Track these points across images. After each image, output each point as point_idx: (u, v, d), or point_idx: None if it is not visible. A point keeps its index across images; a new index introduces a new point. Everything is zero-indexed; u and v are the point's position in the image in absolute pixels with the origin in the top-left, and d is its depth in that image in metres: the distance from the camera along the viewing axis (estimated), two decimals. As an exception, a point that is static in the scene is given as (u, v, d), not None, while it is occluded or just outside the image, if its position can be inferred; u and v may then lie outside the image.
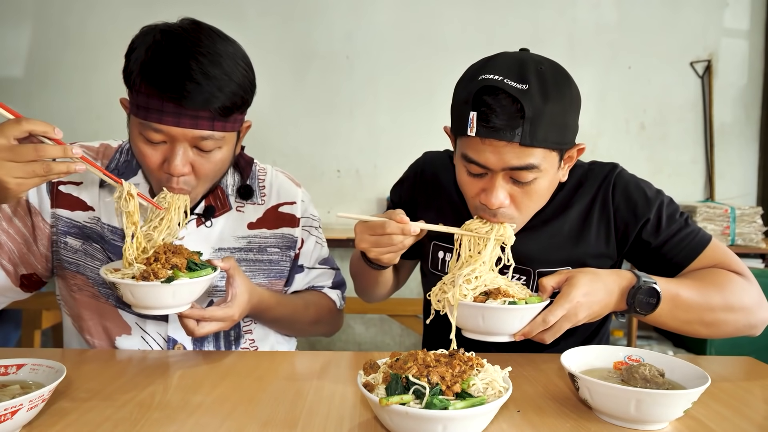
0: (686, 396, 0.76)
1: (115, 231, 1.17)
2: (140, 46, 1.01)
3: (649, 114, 3.54)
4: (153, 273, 0.95)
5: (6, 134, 0.83)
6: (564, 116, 0.97)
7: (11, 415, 0.70)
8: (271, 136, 3.51)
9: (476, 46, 3.47)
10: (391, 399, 0.69)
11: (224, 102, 1.00)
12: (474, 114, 0.95)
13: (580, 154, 1.09)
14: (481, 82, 0.95)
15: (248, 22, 3.47)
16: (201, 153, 1.05)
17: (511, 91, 0.93)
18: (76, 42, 3.39)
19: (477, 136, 0.96)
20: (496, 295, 0.95)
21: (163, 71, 0.97)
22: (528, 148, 0.95)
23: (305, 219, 1.32)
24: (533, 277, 1.16)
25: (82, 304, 1.20)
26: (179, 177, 1.04)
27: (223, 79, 1.00)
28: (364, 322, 3.63)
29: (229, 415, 0.82)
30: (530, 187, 1.00)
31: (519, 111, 0.93)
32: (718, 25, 3.51)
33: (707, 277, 1.07)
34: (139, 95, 1.00)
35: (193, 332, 1.03)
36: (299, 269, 1.33)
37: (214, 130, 1.02)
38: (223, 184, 1.24)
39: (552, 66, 1.00)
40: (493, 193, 0.99)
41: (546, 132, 0.95)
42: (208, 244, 1.21)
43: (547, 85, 0.95)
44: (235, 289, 1.07)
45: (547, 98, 0.94)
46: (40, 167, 0.85)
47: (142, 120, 1.00)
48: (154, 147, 1.03)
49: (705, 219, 3.10)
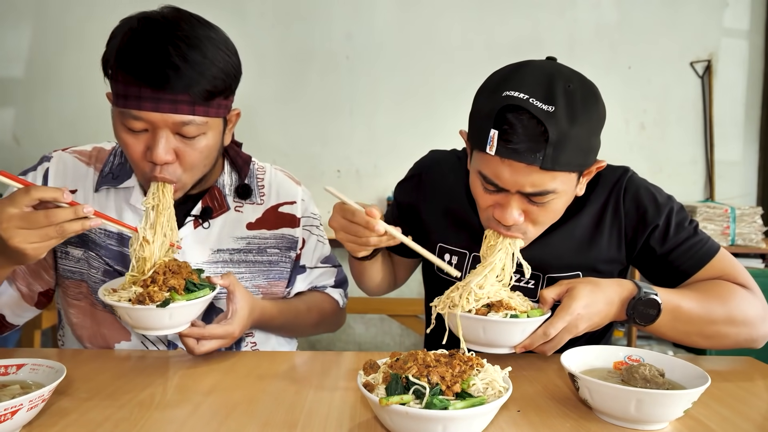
0: (686, 396, 0.76)
1: (111, 235, 1.16)
2: (118, 34, 1.00)
3: (649, 114, 3.54)
4: (149, 296, 0.95)
5: (17, 203, 0.85)
6: (589, 139, 0.94)
7: (11, 415, 0.70)
8: (271, 136, 3.51)
9: (476, 45, 3.48)
10: (391, 399, 0.69)
11: (205, 86, 0.99)
12: (495, 132, 0.91)
13: (599, 169, 1.05)
14: (505, 100, 0.91)
15: (248, 22, 3.47)
16: (184, 140, 1.03)
17: (536, 113, 0.88)
18: (76, 42, 3.38)
19: (496, 155, 0.92)
20: (498, 308, 0.95)
21: (139, 57, 0.96)
22: (548, 172, 0.92)
23: (306, 218, 1.30)
24: (543, 281, 1.15)
25: (82, 313, 1.19)
26: (163, 165, 1.02)
27: (203, 63, 0.99)
28: (364, 322, 3.63)
29: (229, 415, 0.82)
30: (546, 206, 0.98)
31: (543, 134, 0.89)
32: (718, 25, 3.51)
33: (711, 288, 1.05)
34: (118, 84, 0.99)
35: (193, 351, 1.02)
36: (301, 270, 1.31)
37: (196, 114, 1.00)
38: (219, 184, 1.22)
39: (581, 84, 0.96)
40: (508, 211, 0.97)
41: (569, 156, 0.92)
42: (206, 245, 1.19)
43: (575, 108, 0.91)
44: (235, 305, 1.06)
45: (574, 122, 0.90)
46: (54, 230, 0.87)
47: (122, 108, 0.99)
48: (136, 136, 1.02)
49: (705, 219, 3.10)
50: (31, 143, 3.51)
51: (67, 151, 1.21)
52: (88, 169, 1.19)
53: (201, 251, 1.18)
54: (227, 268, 1.19)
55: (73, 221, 0.87)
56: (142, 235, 1.00)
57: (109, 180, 1.17)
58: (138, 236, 1.01)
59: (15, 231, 0.85)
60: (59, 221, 0.86)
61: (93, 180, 1.18)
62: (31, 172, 1.18)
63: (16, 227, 0.85)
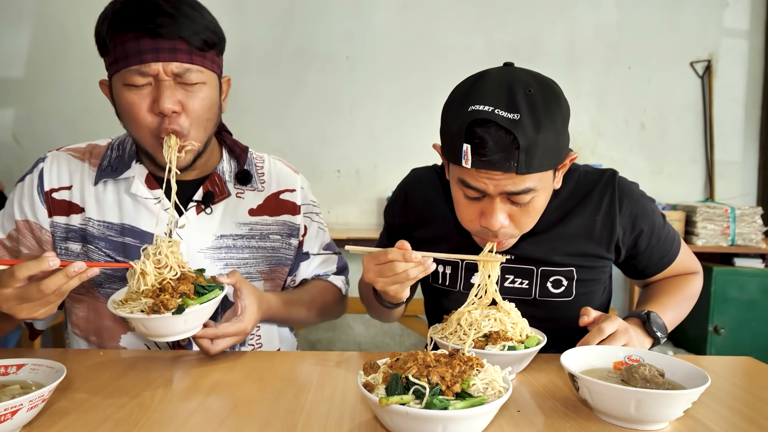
0: (686, 396, 0.76)
1: (110, 226, 1.16)
2: (106, 11, 1.05)
3: (649, 114, 3.54)
4: (163, 305, 0.94)
5: (7, 285, 0.87)
6: (557, 140, 0.97)
7: (11, 415, 0.70)
8: (272, 136, 3.51)
9: (476, 45, 3.48)
10: (391, 399, 0.69)
11: (199, 34, 1.04)
12: (468, 146, 0.94)
13: (573, 160, 1.09)
14: (471, 114, 0.94)
15: (248, 22, 3.47)
16: (186, 88, 1.06)
17: (503, 123, 0.92)
18: (76, 42, 3.39)
19: (473, 167, 0.96)
20: (495, 339, 0.95)
21: (132, 13, 1.00)
22: (524, 176, 0.96)
23: (306, 206, 1.33)
24: (537, 276, 1.18)
25: (86, 307, 1.20)
26: (171, 116, 1.05)
27: (193, 14, 1.04)
28: (364, 322, 3.63)
29: (229, 415, 0.82)
30: (528, 206, 1.02)
31: (513, 142, 0.92)
32: (718, 25, 3.51)
33: (679, 291, 1.22)
34: (116, 48, 1.02)
35: (209, 351, 1.04)
36: (304, 257, 1.33)
37: (194, 63, 1.05)
38: (219, 170, 1.24)
39: (540, 86, 0.98)
40: (493, 216, 1.01)
41: (541, 160, 0.95)
42: (209, 231, 1.20)
43: (538, 113, 0.94)
44: (243, 301, 1.07)
45: (539, 128, 0.93)
46: (53, 297, 0.88)
47: (123, 69, 1.02)
48: (140, 93, 1.04)
49: (705, 219, 3.10)
50: (31, 143, 3.51)
51: (61, 150, 1.22)
52: (83, 165, 1.20)
53: (204, 237, 1.19)
54: (230, 254, 1.21)
55: (70, 281, 0.87)
56: (139, 269, 0.98)
57: (109, 173, 1.18)
58: (135, 271, 0.98)
59: (18, 308, 0.88)
60: (53, 290, 0.86)
61: (89, 174, 1.19)
62: (28, 176, 1.19)
63: (16, 305, 0.88)
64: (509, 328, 0.98)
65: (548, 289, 1.17)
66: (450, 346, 0.93)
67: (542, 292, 1.17)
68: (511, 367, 0.82)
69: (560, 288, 1.17)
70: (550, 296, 1.18)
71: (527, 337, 0.98)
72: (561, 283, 1.17)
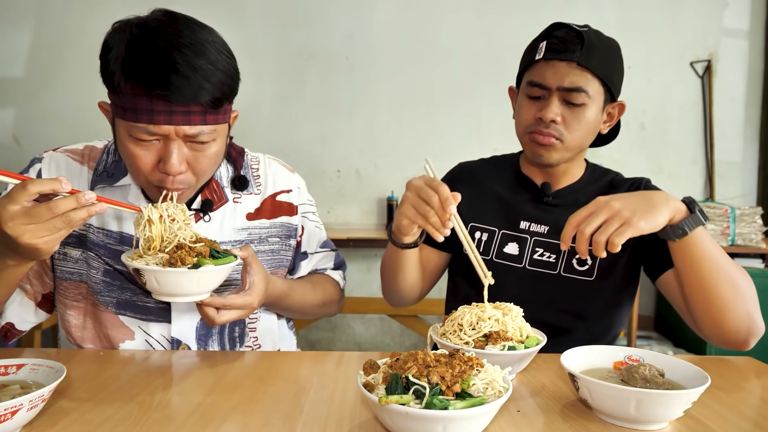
0: (686, 396, 0.76)
1: (110, 234, 1.15)
2: (117, 43, 0.98)
3: (649, 114, 3.54)
4: (180, 260, 0.95)
5: (17, 200, 0.83)
6: (612, 58, 1.20)
7: (11, 415, 0.70)
8: (272, 136, 3.51)
9: (476, 45, 3.48)
10: (390, 398, 0.69)
11: (214, 93, 0.99)
12: (544, 42, 1.19)
13: (621, 113, 1.28)
14: (552, 25, 1.23)
15: (248, 22, 3.47)
16: (195, 147, 1.03)
17: (575, 27, 1.19)
18: (76, 42, 3.39)
19: (543, 59, 1.18)
20: (495, 340, 0.95)
21: (146, 67, 0.94)
22: (583, 72, 1.16)
23: (303, 206, 1.33)
24: (565, 251, 1.24)
25: (82, 314, 1.19)
26: (177, 176, 1.03)
27: (208, 69, 0.98)
28: (364, 322, 3.63)
29: (229, 415, 0.82)
30: (580, 110, 1.18)
31: (579, 39, 1.16)
32: (718, 25, 3.51)
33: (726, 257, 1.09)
34: (125, 96, 0.96)
35: (214, 320, 1.03)
36: (303, 256, 1.34)
37: (207, 123, 1.00)
38: (217, 176, 1.23)
39: None
40: (549, 107, 1.17)
41: (598, 61, 1.16)
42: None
43: (600, 35, 1.21)
44: (252, 277, 1.07)
45: (600, 39, 1.19)
46: (60, 221, 0.84)
47: (132, 122, 0.98)
48: (146, 147, 1.01)
49: (705, 219, 3.10)
50: (31, 143, 3.51)
51: (59, 151, 1.20)
52: (82, 168, 1.18)
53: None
54: None
55: (78, 209, 0.85)
56: (147, 215, 0.99)
57: (105, 178, 1.16)
58: (143, 216, 1.00)
59: (22, 228, 0.83)
60: (63, 211, 0.84)
61: (88, 179, 1.17)
62: None
63: (21, 224, 0.83)
64: (509, 328, 0.98)
65: (573, 265, 1.24)
66: (485, 280, 1.03)
67: (567, 268, 1.24)
68: (511, 367, 0.82)
69: (584, 266, 1.24)
70: (573, 273, 1.23)
71: (527, 337, 0.98)
72: (585, 262, 1.24)
